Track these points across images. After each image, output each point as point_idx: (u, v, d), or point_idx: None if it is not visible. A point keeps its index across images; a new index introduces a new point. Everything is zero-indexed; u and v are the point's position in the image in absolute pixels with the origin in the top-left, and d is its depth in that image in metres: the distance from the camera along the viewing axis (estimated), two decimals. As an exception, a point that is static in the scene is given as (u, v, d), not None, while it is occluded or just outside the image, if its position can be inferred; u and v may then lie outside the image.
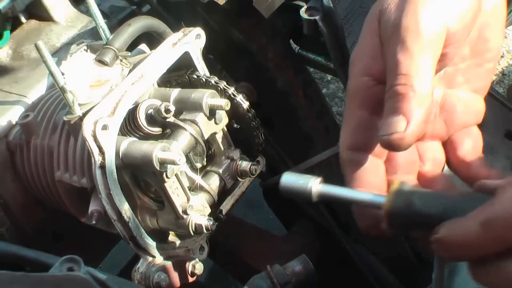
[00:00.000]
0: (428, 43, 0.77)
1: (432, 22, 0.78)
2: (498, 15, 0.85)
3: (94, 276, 0.72)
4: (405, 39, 0.77)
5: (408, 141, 0.75)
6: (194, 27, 1.01)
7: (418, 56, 0.77)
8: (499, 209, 0.66)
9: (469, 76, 0.86)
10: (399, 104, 0.75)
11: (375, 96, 0.82)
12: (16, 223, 1.13)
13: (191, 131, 0.94)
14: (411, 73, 0.76)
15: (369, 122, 0.82)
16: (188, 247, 0.99)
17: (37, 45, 0.89)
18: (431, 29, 0.78)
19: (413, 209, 0.71)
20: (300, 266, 0.77)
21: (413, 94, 0.75)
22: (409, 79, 0.76)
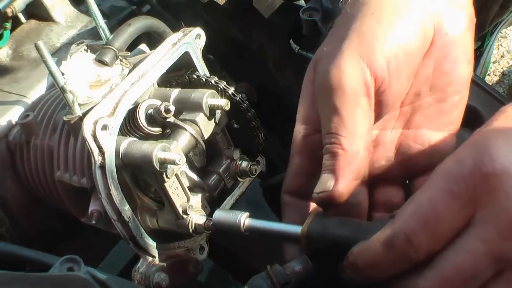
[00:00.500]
0: (354, 100, 0.77)
1: (357, 77, 0.77)
2: (458, 45, 0.82)
3: (94, 276, 0.72)
4: (331, 98, 0.78)
5: (336, 199, 0.77)
6: (194, 27, 1.01)
7: (345, 114, 0.77)
8: (398, 227, 0.67)
9: (430, 113, 0.84)
10: (330, 162, 0.77)
11: (311, 144, 0.84)
12: (16, 223, 1.13)
13: (191, 131, 0.94)
14: (340, 132, 0.77)
15: (306, 169, 0.85)
16: (188, 247, 0.99)
17: (37, 45, 0.89)
18: (356, 85, 0.77)
19: (326, 232, 0.76)
20: (300, 266, 0.77)
21: (342, 152, 0.77)
22: (338, 138, 0.77)
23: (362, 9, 0.80)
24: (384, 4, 0.79)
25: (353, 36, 0.79)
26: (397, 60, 0.78)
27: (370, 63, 0.77)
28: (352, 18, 0.81)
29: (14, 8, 1.22)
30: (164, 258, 0.96)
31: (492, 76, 2.69)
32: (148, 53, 1.04)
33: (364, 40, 0.78)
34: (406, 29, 0.78)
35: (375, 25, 0.78)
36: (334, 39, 0.82)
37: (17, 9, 1.23)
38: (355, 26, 0.79)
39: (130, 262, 1.20)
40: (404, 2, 0.79)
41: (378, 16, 0.79)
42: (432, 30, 0.80)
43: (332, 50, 0.80)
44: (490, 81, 2.64)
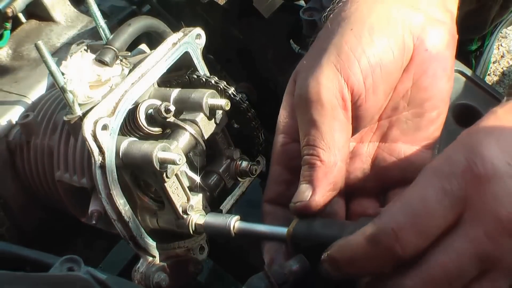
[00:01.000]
0: (331, 113, 0.78)
1: (334, 90, 0.78)
2: (438, 62, 0.82)
3: (94, 276, 0.72)
4: (310, 110, 0.79)
5: (313, 209, 0.78)
6: (194, 27, 1.01)
7: (323, 127, 0.78)
8: (385, 222, 0.66)
9: (406, 127, 0.85)
10: (308, 173, 0.79)
11: (290, 153, 0.85)
12: (16, 223, 1.13)
13: (191, 131, 0.93)
14: (318, 144, 0.79)
15: (285, 177, 0.86)
16: (188, 247, 0.99)
17: (37, 45, 0.89)
18: (333, 99, 0.78)
19: (311, 232, 0.77)
20: (297, 265, 0.77)
21: (320, 164, 0.78)
22: (316, 150, 0.79)
23: (342, 24, 0.82)
24: (364, 20, 0.81)
25: (332, 50, 0.80)
26: (374, 76, 0.79)
27: (347, 77, 0.78)
28: (332, 32, 0.82)
29: (14, 8, 1.22)
30: (164, 258, 0.96)
31: (492, 76, 2.69)
32: (148, 53, 1.04)
33: (342, 54, 0.79)
34: (385, 45, 0.79)
35: (354, 40, 0.79)
36: (313, 52, 0.84)
37: (17, 9, 1.23)
38: (335, 41, 0.81)
39: (130, 262, 1.20)
40: (384, 18, 0.81)
41: (358, 31, 0.80)
42: (412, 46, 0.81)
43: (311, 64, 0.82)
44: (490, 81, 2.64)
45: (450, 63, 0.83)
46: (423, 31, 0.81)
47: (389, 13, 0.81)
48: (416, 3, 0.83)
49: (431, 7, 0.83)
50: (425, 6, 0.83)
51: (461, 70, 1.24)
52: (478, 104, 1.22)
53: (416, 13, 0.81)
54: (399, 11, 0.81)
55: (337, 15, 0.84)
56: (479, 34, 1.92)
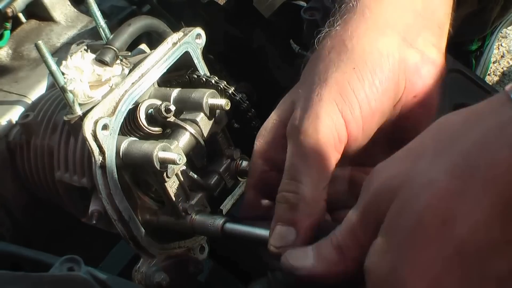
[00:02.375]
0: (325, 152, 0.76)
1: (332, 130, 0.76)
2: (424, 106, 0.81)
3: (94, 276, 0.72)
4: (303, 143, 0.76)
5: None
6: (194, 27, 1.01)
7: (313, 164, 0.75)
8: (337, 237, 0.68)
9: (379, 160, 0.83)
10: (289, 214, 0.75)
11: (268, 180, 0.83)
12: (16, 223, 1.13)
13: (192, 130, 0.93)
14: (304, 181, 0.75)
15: (256, 202, 0.85)
16: (189, 247, 0.99)
17: (37, 45, 0.89)
18: (330, 139, 0.76)
19: None
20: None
21: (303, 204, 0.75)
22: (300, 187, 0.75)
23: (343, 59, 0.79)
24: (366, 59, 0.78)
25: (333, 86, 0.77)
26: (372, 121, 0.78)
27: (348, 121, 0.77)
28: (333, 65, 0.79)
29: (14, 8, 1.22)
30: (165, 258, 0.96)
31: (492, 76, 2.69)
32: (148, 53, 1.04)
33: (345, 94, 0.77)
34: (385, 88, 0.78)
35: (357, 81, 0.77)
36: (311, 82, 0.80)
37: (17, 9, 1.23)
38: (336, 76, 0.78)
39: (130, 262, 1.20)
40: (385, 57, 0.78)
41: (360, 72, 0.77)
42: (403, 88, 0.79)
43: (309, 95, 0.79)
44: (490, 81, 2.64)
45: (435, 107, 0.83)
46: (416, 73, 0.79)
47: (389, 52, 0.79)
48: (414, 40, 0.81)
49: (428, 46, 0.82)
50: (423, 44, 0.81)
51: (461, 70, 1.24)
52: (478, 104, 1.22)
53: (414, 52, 0.80)
54: (398, 47, 0.79)
55: (336, 43, 0.81)
56: (480, 35, 1.92)
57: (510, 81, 2.67)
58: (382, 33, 0.80)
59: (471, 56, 2.04)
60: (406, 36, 0.81)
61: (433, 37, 0.83)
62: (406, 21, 0.82)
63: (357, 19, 0.81)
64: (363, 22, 0.81)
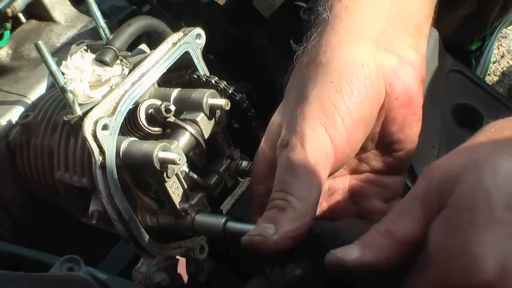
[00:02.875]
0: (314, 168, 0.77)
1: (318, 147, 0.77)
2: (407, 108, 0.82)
3: (94, 276, 0.72)
4: (292, 160, 0.77)
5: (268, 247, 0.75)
6: (194, 27, 1.01)
7: (303, 180, 0.77)
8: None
9: (374, 163, 0.86)
10: (274, 215, 0.76)
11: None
12: (16, 223, 1.13)
13: (192, 131, 0.94)
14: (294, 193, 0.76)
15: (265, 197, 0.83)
16: (189, 247, 0.99)
17: (37, 45, 0.89)
18: (317, 155, 0.77)
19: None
20: (299, 269, 0.77)
21: (290, 210, 0.76)
22: (289, 198, 0.76)
23: (320, 73, 0.80)
24: (342, 71, 0.79)
25: (315, 103, 0.79)
26: (356, 131, 0.79)
27: (333, 135, 0.78)
28: (311, 81, 0.80)
29: (14, 8, 1.22)
30: (165, 258, 0.96)
31: (492, 76, 2.69)
32: (148, 53, 1.04)
33: (326, 109, 0.78)
34: (364, 97, 0.79)
35: (336, 95, 0.78)
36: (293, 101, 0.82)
37: (17, 9, 1.23)
38: (316, 93, 0.79)
39: (130, 262, 1.20)
40: (360, 66, 0.79)
41: (338, 84, 0.79)
42: (384, 92, 0.80)
43: (293, 114, 0.80)
44: (490, 81, 2.64)
45: (419, 107, 0.83)
46: (395, 76, 0.80)
47: (363, 60, 0.80)
48: (389, 44, 0.82)
49: (405, 48, 0.83)
50: (399, 47, 0.82)
51: (461, 70, 1.24)
52: (478, 104, 1.22)
53: (389, 56, 0.81)
54: (372, 56, 0.80)
55: (311, 59, 0.83)
56: (479, 35, 1.92)
57: (510, 81, 2.67)
58: (354, 42, 0.81)
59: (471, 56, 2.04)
60: (379, 42, 0.82)
61: (409, 39, 0.84)
62: (379, 27, 0.83)
63: (329, 31, 0.83)
64: (335, 34, 0.82)
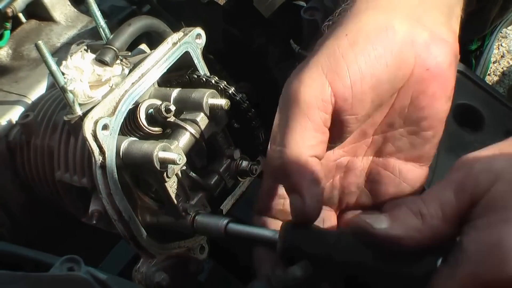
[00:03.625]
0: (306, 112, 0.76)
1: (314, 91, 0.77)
2: (438, 82, 0.80)
3: (95, 276, 0.72)
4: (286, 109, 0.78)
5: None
6: (194, 27, 1.01)
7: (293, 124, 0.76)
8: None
9: (401, 144, 0.84)
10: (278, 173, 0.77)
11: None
12: (16, 223, 1.13)
13: (192, 130, 0.94)
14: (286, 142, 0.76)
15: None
16: (189, 247, 0.99)
17: (37, 45, 0.89)
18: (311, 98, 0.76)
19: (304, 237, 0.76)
20: (301, 271, 0.76)
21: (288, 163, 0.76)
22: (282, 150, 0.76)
23: (338, 29, 0.80)
24: (361, 28, 0.79)
25: (323, 52, 0.78)
26: (363, 83, 0.77)
27: (333, 80, 0.77)
28: (326, 37, 0.80)
29: (15, 8, 1.22)
30: (165, 258, 0.96)
31: (492, 76, 2.69)
32: (148, 53, 1.04)
33: (332, 57, 0.77)
34: (380, 54, 0.77)
35: (347, 46, 0.78)
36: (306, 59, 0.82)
37: (18, 9, 1.23)
38: (327, 44, 0.79)
39: (130, 262, 1.20)
40: (382, 28, 0.78)
41: (352, 37, 0.78)
42: (412, 62, 0.79)
43: (301, 66, 0.80)
44: (490, 81, 2.64)
45: (451, 84, 0.81)
46: (427, 49, 0.79)
47: (389, 24, 0.79)
48: (421, 18, 0.81)
49: (437, 24, 0.81)
50: (431, 22, 0.81)
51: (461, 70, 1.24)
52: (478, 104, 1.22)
53: (421, 30, 0.80)
54: (402, 24, 0.79)
55: (336, 24, 0.82)
56: (479, 35, 1.92)
57: (510, 81, 2.67)
58: (383, 11, 0.80)
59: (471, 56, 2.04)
60: (411, 15, 0.80)
61: (441, 16, 0.83)
62: (411, 2, 0.82)
63: (358, 2, 0.82)
64: (363, 3, 0.82)
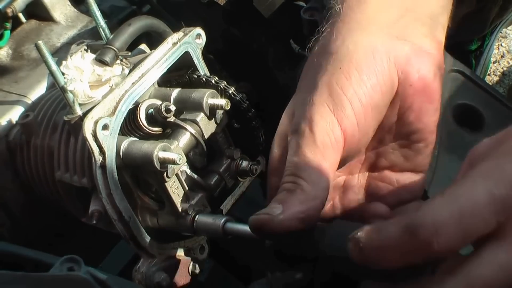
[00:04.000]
0: (323, 151, 0.77)
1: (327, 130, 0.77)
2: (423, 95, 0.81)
3: (95, 276, 0.72)
4: (302, 146, 0.77)
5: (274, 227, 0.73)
6: (194, 27, 1.01)
7: (313, 165, 0.76)
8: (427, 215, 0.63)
9: (394, 157, 0.84)
10: (283, 196, 0.75)
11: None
12: (16, 223, 1.13)
13: (192, 130, 0.94)
14: (304, 176, 0.75)
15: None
16: (189, 247, 0.99)
17: (37, 45, 0.89)
18: (325, 138, 0.77)
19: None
20: (301, 273, 0.76)
21: (300, 192, 0.75)
22: (299, 181, 0.75)
23: (330, 61, 0.80)
24: (351, 57, 0.79)
25: (323, 89, 0.79)
26: (365, 115, 0.78)
27: (341, 119, 0.77)
28: (321, 69, 0.81)
29: (15, 8, 1.22)
30: (165, 258, 0.96)
31: (492, 76, 2.69)
32: (148, 53, 1.04)
33: (334, 94, 0.78)
34: (374, 83, 0.78)
35: (344, 80, 0.78)
36: (304, 90, 0.83)
37: (17, 9, 1.23)
38: (325, 79, 0.79)
39: (130, 262, 1.20)
40: (369, 53, 0.79)
41: (347, 70, 0.78)
42: (396, 80, 0.79)
43: (304, 101, 0.80)
44: (490, 81, 2.64)
45: (436, 95, 0.82)
46: (408, 63, 0.79)
47: (374, 47, 0.79)
48: (402, 33, 0.81)
49: (418, 37, 0.82)
50: (413, 35, 0.82)
51: (461, 70, 1.24)
52: (478, 104, 1.22)
53: (401, 44, 0.80)
54: (383, 43, 0.80)
55: (322, 48, 0.83)
56: (478, 35, 1.92)
57: (510, 81, 2.67)
58: (365, 31, 0.81)
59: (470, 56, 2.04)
60: (391, 31, 0.81)
61: (423, 27, 0.83)
62: (391, 17, 0.83)
63: (340, 22, 0.83)
64: (346, 24, 0.82)
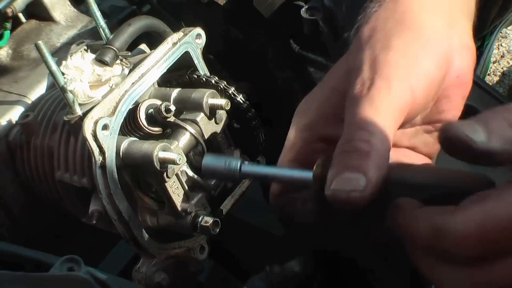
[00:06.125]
0: (396, 106, 0.74)
1: (402, 88, 0.75)
2: (461, 89, 0.81)
3: (95, 276, 0.72)
4: (375, 98, 0.74)
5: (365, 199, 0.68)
6: (194, 27, 1.01)
7: (385, 116, 0.73)
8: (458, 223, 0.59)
9: (415, 141, 0.84)
10: (359, 162, 0.69)
11: (310, 153, 0.78)
12: (16, 223, 1.13)
13: (192, 130, 0.94)
14: (376, 133, 0.71)
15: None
16: (189, 247, 0.99)
17: (37, 45, 0.89)
18: (401, 95, 0.75)
19: None
20: (299, 266, 0.76)
21: (375, 154, 0.70)
22: (372, 137, 0.71)
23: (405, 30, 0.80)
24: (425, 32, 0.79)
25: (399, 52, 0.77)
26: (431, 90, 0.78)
27: (413, 87, 0.76)
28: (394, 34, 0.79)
29: (14, 8, 1.22)
30: (165, 258, 0.96)
31: (492, 76, 2.69)
32: (148, 53, 1.04)
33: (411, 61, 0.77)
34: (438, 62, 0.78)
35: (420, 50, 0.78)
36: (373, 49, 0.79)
37: (17, 9, 1.23)
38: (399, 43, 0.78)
39: (130, 262, 1.20)
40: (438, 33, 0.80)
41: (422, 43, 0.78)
42: (446, 68, 0.79)
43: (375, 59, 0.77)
44: (490, 81, 2.64)
45: (468, 92, 0.83)
46: (458, 56, 0.80)
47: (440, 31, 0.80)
48: (455, 24, 0.82)
49: (465, 30, 0.83)
50: (461, 29, 0.83)
51: (461, 70, 1.24)
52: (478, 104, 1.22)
53: (455, 36, 0.81)
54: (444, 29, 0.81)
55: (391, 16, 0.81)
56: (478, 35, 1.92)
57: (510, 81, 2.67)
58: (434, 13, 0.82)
59: (471, 56, 2.04)
60: (450, 21, 0.82)
61: (467, 22, 0.85)
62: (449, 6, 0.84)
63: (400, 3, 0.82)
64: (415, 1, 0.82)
